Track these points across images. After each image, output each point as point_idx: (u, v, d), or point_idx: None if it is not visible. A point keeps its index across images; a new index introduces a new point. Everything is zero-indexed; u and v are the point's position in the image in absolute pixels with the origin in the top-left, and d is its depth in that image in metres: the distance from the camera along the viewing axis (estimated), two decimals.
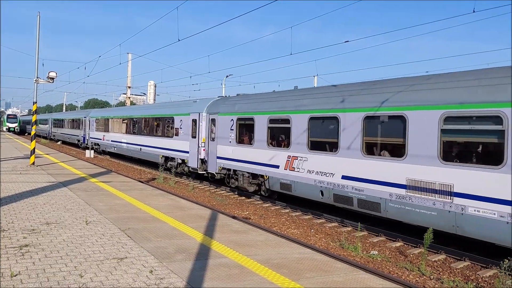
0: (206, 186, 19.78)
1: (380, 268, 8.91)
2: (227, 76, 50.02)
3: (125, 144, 29.05)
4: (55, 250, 6.72)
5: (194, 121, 19.89)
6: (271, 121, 14.86)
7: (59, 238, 7.44)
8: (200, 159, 19.28)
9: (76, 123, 43.89)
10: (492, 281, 8.31)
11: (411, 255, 9.95)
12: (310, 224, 12.84)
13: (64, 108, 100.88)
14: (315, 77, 44.56)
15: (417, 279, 8.44)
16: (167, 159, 23.15)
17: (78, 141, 42.33)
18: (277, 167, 14.33)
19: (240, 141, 16.53)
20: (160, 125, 23.99)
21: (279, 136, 14.87)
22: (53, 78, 20.13)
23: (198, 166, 19.35)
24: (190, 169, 20.43)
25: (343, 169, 11.88)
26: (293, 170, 13.64)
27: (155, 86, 51.99)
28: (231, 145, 16.79)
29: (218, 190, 18.83)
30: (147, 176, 22.92)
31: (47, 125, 63.84)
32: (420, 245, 10.00)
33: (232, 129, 16.75)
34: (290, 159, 13.82)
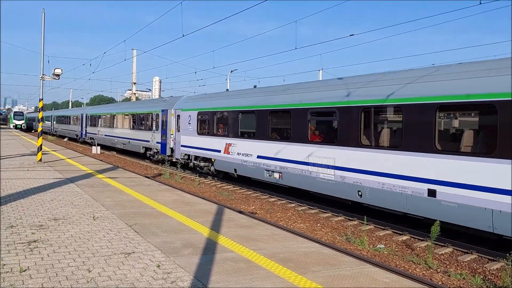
0: (212, 181, 19.83)
1: (387, 262, 8.91)
2: (231, 71, 50.00)
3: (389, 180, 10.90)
4: (63, 245, 6.77)
5: None
6: None
7: (67, 233, 7.50)
8: None
9: (144, 121, 27.50)
10: (500, 273, 8.28)
11: (418, 249, 9.93)
12: (317, 218, 12.84)
13: (70, 105, 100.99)
14: (320, 71, 44.44)
15: (424, 272, 8.43)
16: None
17: (148, 150, 26.89)
18: None
19: None
20: None
21: None
22: (58, 75, 20.19)
23: None
24: None
25: None
26: None
27: (160, 82, 52.05)
28: None
29: (224, 185, 18.87)
30: (154, 171, 23.01)
31: (76, 124, 48.38)
32: (427, 238, 9.97)
33: None
34: None
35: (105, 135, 36.65)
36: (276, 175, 14.68)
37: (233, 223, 8.91)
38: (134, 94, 47.54)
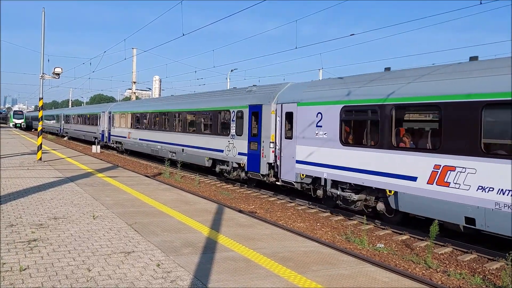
0: (212, 181, 19.83)
1: (387, 261, 8.92)
2: (232, 71, 49.95)
3: None
4: (63, 244, 6.77)
5: None
6: None
7: (67, 232, 7.51)
8: None
9: (213, 121, 19.10)
10: (499, 273, 8.29)
11: (418, 248, 9.94)
12: (316, 217, 12.85)
13: (70, 104, 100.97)
14: (320, 70, 44.47)
15: (423, 271, 8.44)
16: None
17: (218, 163, 18.68)
18: None
19: None
20: None
21: None
22: (58, 74, 20.22)
23: None
24: None
25: None
26: None
27: (160, 81, 52.10)
28: None
29: (224, 184, 18.87)
30: (153, 171, 23.01)
31: (94, 125, 39.33)
32: (427, 238, 9.98)
33: None
34: None
35: (140, 140, 27.44)
36: None
37: (233, 222, 8.91)
38: (134, 93, 47.55)
